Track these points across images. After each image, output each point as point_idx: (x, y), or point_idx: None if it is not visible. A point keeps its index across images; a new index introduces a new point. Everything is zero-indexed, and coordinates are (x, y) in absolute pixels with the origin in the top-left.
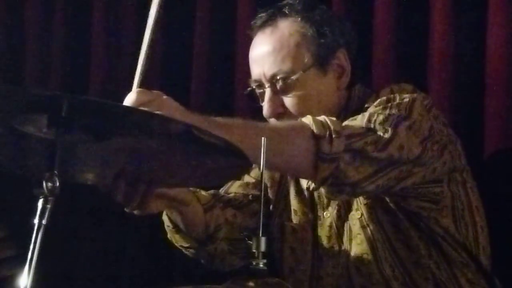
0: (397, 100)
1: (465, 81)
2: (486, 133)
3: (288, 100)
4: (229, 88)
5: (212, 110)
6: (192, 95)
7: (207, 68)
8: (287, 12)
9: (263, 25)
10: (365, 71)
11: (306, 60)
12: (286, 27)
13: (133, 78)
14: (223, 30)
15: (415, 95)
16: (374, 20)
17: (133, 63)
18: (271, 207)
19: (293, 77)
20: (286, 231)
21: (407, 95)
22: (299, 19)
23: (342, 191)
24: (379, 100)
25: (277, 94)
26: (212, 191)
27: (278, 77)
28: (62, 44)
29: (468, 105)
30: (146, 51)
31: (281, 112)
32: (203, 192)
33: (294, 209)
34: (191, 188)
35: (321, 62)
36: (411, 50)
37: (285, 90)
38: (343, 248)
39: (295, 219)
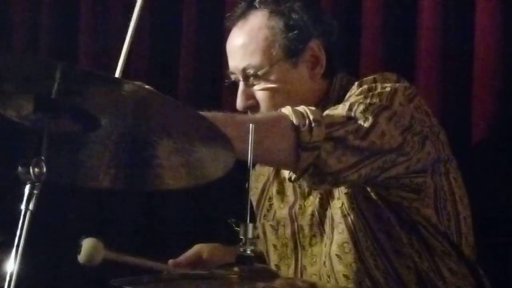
0: (379, 90)
1: (452, 71)
2: (473, 123)
3: (259, 94)
4: (217, 76)
5: (200, 100)
6: (180, 84)
7: (195, 58)
8: (257, 5)
9: (237, 18)
10: (352, 61)
11: (274, 54)
12: (255, 20)
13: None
14: (211, 19)
15: (397, 85)
16: (362, 10)
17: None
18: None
19: (261, 71)
20: (266, 230)
21: (389, 85)
22: (268, 12)
23: (324, 180)
24: (360, 89)
25: (249, 87)
26: None
27: (247, 71)
28: (50, 35)
29: (455, 95)
30: (129, 42)
31: (253, 105)
32: None
33: (275, 208)
34: None
35: (291, 54)
36: (399, 40)
37: (256, 84)
38: (325, 236)
39: (277, 216)
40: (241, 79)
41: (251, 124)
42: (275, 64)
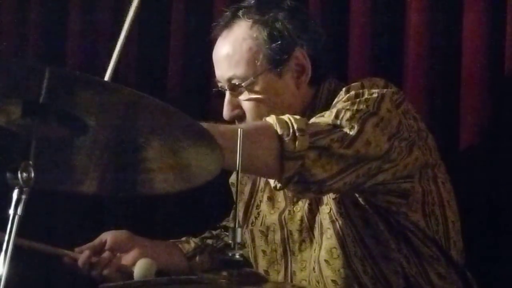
0: (366, 96)
1: (440, 75)
2: (461, 127)
3: (245, 104)
4: (206, 81)
5: (188, 105)
6: (168, 89)
7: (183, 63)
8: (240, 15)
9: (222, 27)
10: (340, 64)
11: (259, 64)
12: (240, 31)
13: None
14: (200, 23)
15: (384, 90)
16: (350, 13)
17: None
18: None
19: (246, 83)
20: (255, 236)
21: (376, 90)
22: (252, 22)
23: (309, 189)
24: (347, 95)
25: (235, 96)
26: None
27: (233, 81)
28: (38, 37)
29: (443, 99)
30: (121, 45)
31: (239, 115)
32: (193, 239)
33: (264, 214)
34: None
35: (275, 65)
36: (387, 44)
37: (241, 94)
38: (314, 241)
39: (266, 222)
40: (227, 89)
41: (239, 129)
42: (260, 75)
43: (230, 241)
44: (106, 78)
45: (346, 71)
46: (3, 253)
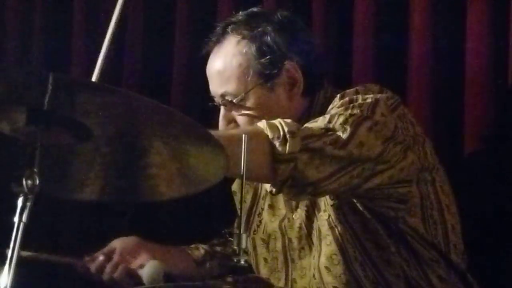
0: (360, 101)
1: (444, 76)
2: (464, 128)
3: (239, 119)
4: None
5: (193, 109)
6: (172, 99)
7: (188, 68)
8: (229, 31)
9: (213, 43)
10: (344, 67)
11: (249, 80)
12: (229, 47)
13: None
14: (203, 32)
15: (378, 95)
16: (353, 15)
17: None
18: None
19: (237, 99)
20: (257, 244)
21: (370, 96)
22: (240, 38)
23: (304, 191)
24: (341, 101)
25: (229, 111)
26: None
27: (226, 97)
28: (43, 40)
29: (446, 100)
30: (106, 49)
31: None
32: (202, 246)
33: (266, 222)
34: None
35: (266, 79)
36: (390, 45)
37: (235, 109)
38: (313, 248)
39: (268, 230)
40: (220, 104)
41: (244, 135)
42: (251, 90)
43: (235, 247)
44: (94, 78)
45: (349, 72)
46: (7, 261)
